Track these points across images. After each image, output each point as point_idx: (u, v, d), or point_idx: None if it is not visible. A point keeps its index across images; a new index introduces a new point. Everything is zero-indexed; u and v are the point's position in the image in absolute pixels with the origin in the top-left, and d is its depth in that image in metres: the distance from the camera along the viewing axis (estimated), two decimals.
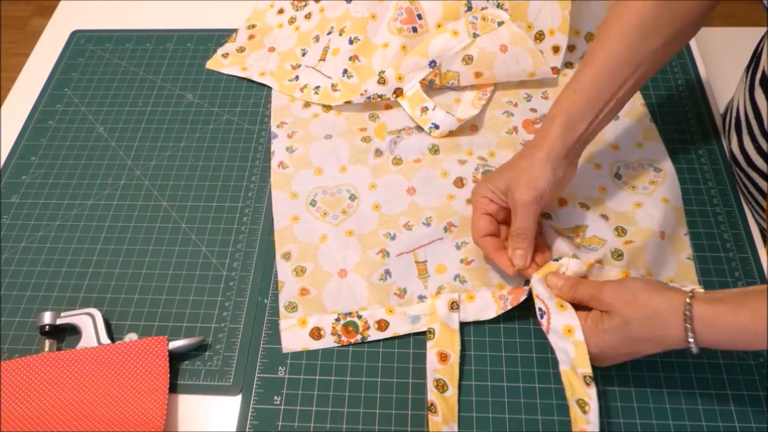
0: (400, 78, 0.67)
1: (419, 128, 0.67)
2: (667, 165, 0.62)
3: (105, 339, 0.53)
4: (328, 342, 0.54)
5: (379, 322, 0.54)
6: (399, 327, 0.54)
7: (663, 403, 0.50)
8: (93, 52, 0.77)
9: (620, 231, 0.57)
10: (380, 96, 0.67)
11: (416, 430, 0.50)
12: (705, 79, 0.70)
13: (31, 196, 0.65)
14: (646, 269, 0.55)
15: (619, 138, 0.65)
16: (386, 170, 0.64)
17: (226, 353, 0.54)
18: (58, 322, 0.54)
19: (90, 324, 0.54)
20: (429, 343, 0.52)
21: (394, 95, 0.67)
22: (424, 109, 0.66)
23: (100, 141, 0.69)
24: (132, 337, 0.54)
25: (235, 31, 0.78)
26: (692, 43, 0.73)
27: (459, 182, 0.62)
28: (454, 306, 0.54)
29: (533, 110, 0.67)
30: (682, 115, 0.67)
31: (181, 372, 0.53)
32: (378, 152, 0.65)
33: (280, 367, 0.53)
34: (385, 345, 0.54)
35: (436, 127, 0.65)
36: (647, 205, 0.59)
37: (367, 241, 0.59)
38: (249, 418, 0.51)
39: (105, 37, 0.79)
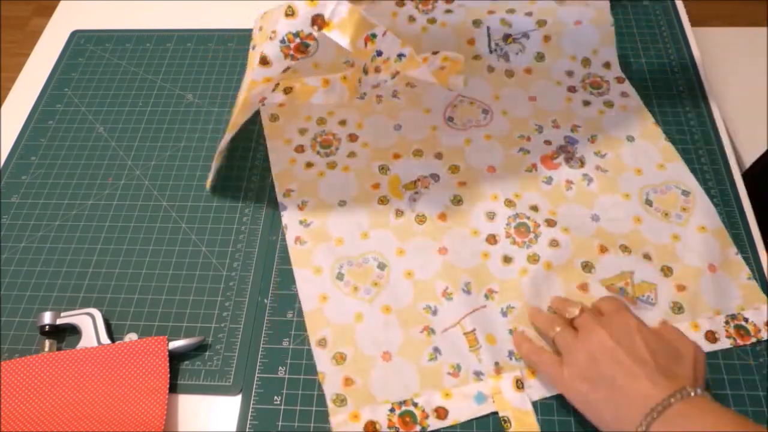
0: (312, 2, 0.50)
1: (435, 177, 0.62)
2: (693, 185, 0.60)
3: (105, 339, 0.53)
4: None
5: (437, 410, 0.50)
6: (461, 413, 0.49)
7: None
8: (93, 52, 0.77)
9: (666, 270, 0.55)
10: (296, 34, 0.50)
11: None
12: (705, 79, 0.70)
13: (31, 196, 0.65)
14: (712, 310, 0.53)
15: (641, 161, 0.62)
16: (411, 231, 0.59)
17: (226, 353, 0.54)
18: (58, 322, 0.54)
19: (90, 324, 0.54)
20: None
21: (315, 27, 0.50)
22: (371, 38, 0.53)
23: (100, 141, 0.69)
24: (132, 337, 0.54)
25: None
26: (692, 43, 0.73)
27: (492, 239, 0.58)
28: (519, 385, 0.50)
29: (548, 142, 0.64)
30: (682, 115, 0.67)
31: (181, 372, 0.53)
32: (399, 212, 0.60)
33: (280, 367, 0.53)
34: None
35: (400, 57, 0.57)
36: (685, 238, 0.57)
37: (408, 317, 0.54)
38: (249, 418, 0.51)
39: (105, 37, 0.79)
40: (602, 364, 0.45)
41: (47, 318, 0.54)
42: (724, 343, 0.52)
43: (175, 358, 0.53)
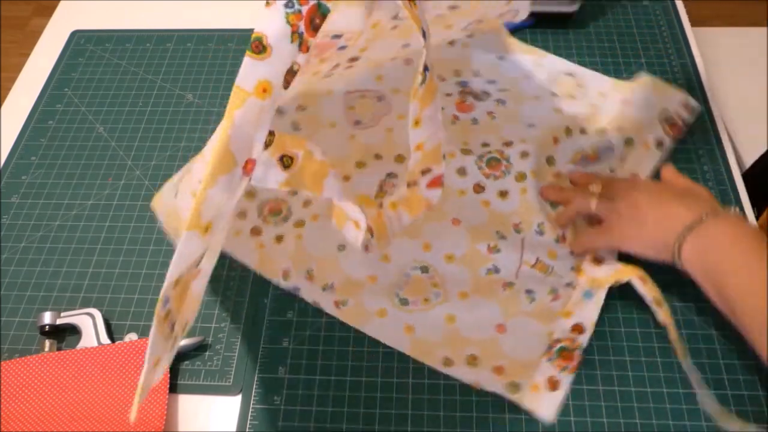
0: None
1: (393, 176, 0.61)
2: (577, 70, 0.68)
3: (105, 339, 0.53)
4: None
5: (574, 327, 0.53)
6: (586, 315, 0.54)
7: (663, 403, 0.50)
8: (93, 52, 0.77)
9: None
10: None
11: (416, 430, 0.50)
12: (705, 79, 0.70)
13: (31, 196, 0.65)
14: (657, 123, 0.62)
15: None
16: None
17: (226, 353, 0.54)
18: (58, 322, 0.54)
19: (90, 324, 0.54)
20: None
21: None
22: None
23: (100, 141, 0.69)
24: (132, 337, 0.54)
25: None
26: (692, 42, 0.73)
27: (477, 187, 0.61)
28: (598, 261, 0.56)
29: (448, 94, 0.66)
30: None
31: (181, 372, 0.53)
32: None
33: (280, 367, 0.53)
34: (386, 345, 0.54)
35: None
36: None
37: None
38: (249, 418, 0.51)
39: (105, 37, 0.79)
40: (643, 209, 0.53)
41: (47, 318, 0.54)
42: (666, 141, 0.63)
43: (175, 359, 0.53)
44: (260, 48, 0.31)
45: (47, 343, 0.54)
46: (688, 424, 0.49)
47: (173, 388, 0.52)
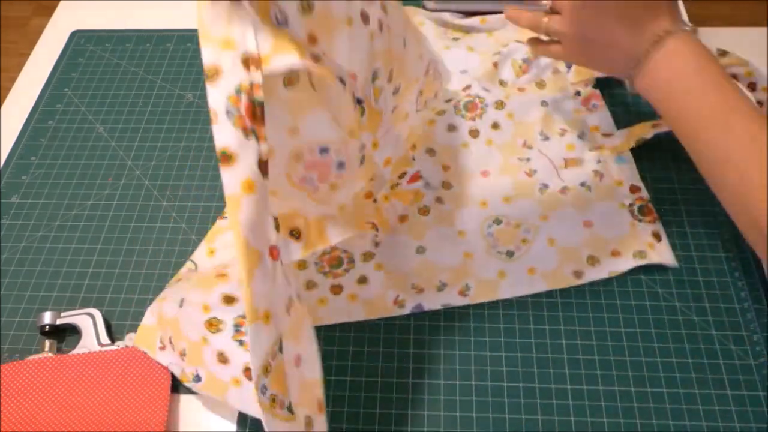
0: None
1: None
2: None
3: (105, 339, 0.53)
4: None
5: None
6: None
7: (663, 403, 0.50)
8: (93, 52, 0.77)
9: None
10: (238, 91, 0.36)
11: (416, 430, 0.50)
12: None
13: (31, 196, 0.65)
14: None
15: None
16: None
17: None
18: (58, 322, 0.54)
19: (90, 324, 0.54)
20: None
21: (253, 68, 0.36)
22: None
23: (100, 141, 0.69)
24: (132, 337, 0.54)
25: None
26: None
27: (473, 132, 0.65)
28: None
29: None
30: None
31: None
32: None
33: None
34: (385, 345, 0.54)
35: None
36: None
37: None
38: (249, 418, 0.51)
39: (105, 37, 0.79)
40: (588, 35, 0.51)
41: (47, 318, 0.54)
42: None
43: None
44: (227, 158, 0.35)
45: (47, 343, 0.54)
46: (688, 424, 0.49)
47: (174, 389, 0.52)
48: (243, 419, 0.51)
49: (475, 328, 0.54)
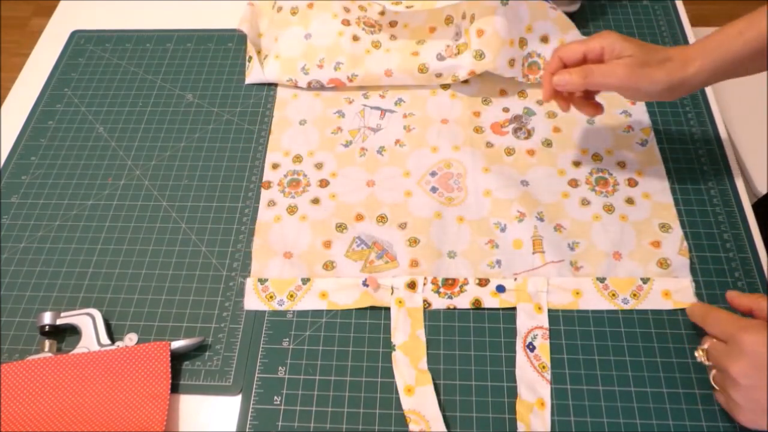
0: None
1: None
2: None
3: (105, 339, 0.53)
4: None
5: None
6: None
7: (663, 403, 0.50)
8: (93, 52, 0.77)
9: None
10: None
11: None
12: None
13: (31, 196, 0.65)
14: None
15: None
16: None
17: (226, 353, 0.54)
18: (58, 322, 0.54)
19: (90, 324, 0.54)
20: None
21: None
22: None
23: (100, 141, 0.69)
24: (132, 337, 0.54)
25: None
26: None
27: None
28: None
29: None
30: (682, 115, 0.67)
31: (181, 372, 0.53)
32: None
33: (280, 367, 0.53)
34: (385, 345, 0.54)
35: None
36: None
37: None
38: (249, 418, 0.51)
39: (105, 37, 0.79)
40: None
41: (47, 318, 0.54)
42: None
43: (176, 359, 0.53)
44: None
45: (47, 343, 0.54)
46: (688, 424, 0.49)
47: (173, 389, 0.52)
48: (243, 419, 0.51)
49: (475, 328, 0.54)
